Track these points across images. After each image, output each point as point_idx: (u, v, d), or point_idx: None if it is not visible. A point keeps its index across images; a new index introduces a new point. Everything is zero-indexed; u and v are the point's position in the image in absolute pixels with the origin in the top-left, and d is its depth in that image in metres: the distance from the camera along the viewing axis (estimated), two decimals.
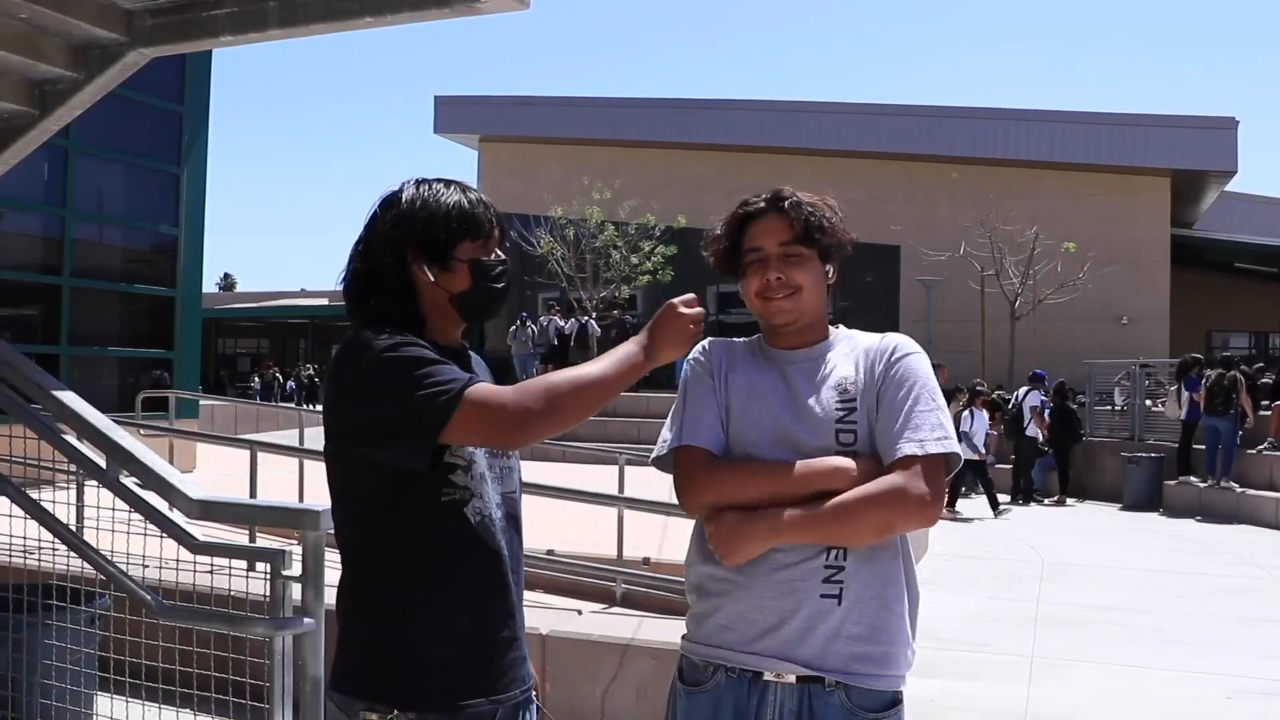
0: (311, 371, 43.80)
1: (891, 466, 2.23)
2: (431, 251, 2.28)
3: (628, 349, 2.26)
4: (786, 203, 2.37)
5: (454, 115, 39.18)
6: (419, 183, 2.34)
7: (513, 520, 2.35)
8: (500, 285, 2.34)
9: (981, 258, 26.95)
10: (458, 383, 2.10)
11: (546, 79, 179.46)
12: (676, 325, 2.26)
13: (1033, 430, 17.67)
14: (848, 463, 2.24)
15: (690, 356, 2.47)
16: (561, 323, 25.09)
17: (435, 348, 2.22)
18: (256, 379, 44.61)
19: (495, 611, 2.25)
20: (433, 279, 2.28)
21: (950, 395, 19.50)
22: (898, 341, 2.38)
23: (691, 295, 2.31)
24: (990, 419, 18.93)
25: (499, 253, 2.37)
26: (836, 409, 2.30)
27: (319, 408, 22.55)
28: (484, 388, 2.12)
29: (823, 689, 2.21)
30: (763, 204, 2.40)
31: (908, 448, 2.23)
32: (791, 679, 2.22)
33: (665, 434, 2.43)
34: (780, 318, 2.37)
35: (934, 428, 2.26)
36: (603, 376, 2.20)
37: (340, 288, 2.35)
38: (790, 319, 2.37)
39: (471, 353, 2.42)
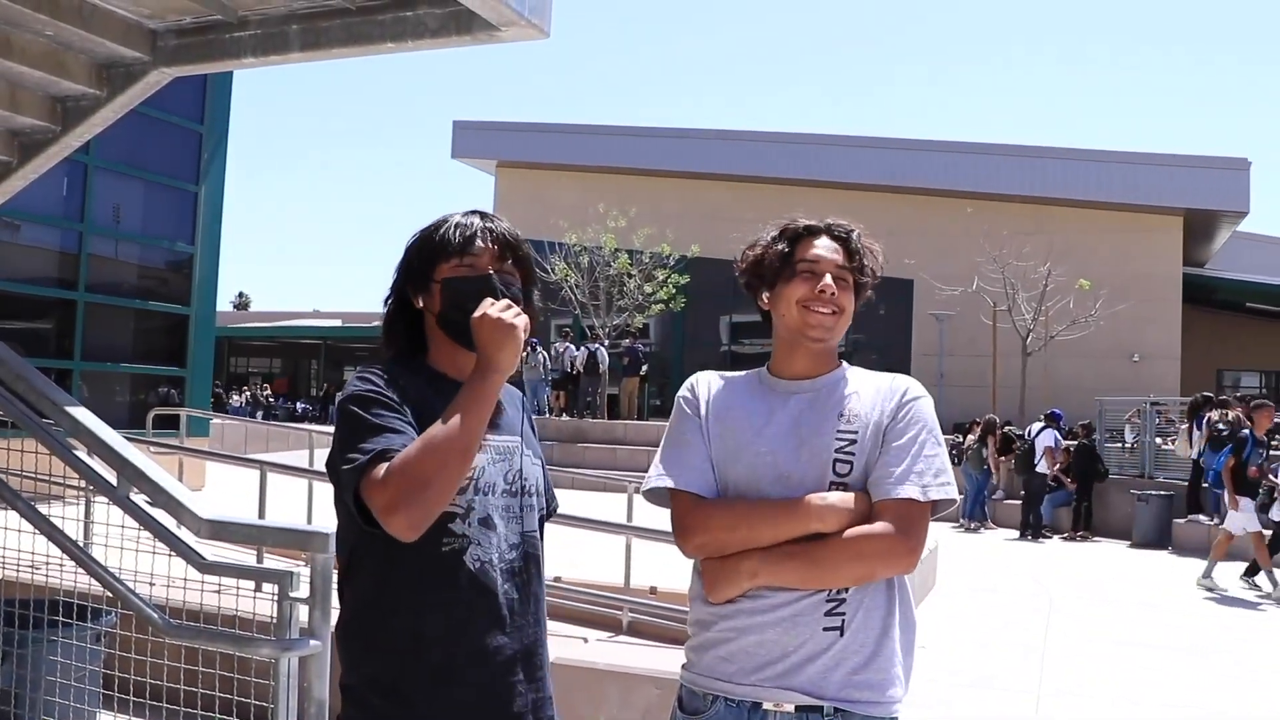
0: (270, 391, 43.84)
1: (882, 508, 2.24)
2: (414, 278, 2.33)
3: (471, 380, 2.16)
4: (849, 233, 2.44)
5: (471, 140, 39.35)
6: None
7: (530, 559, 2.34)
8: (476, 303, 2.21)
9: (994, 293, 26.96)
10: (366, 455, 2.07)
11: (564, 106, 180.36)
12: (490, 327, 2.16)
13: (1043, 467, 17.63)
14: (840, 500, 2.25)
15: (679, 393, 2.50)
16: (576, 350, 25.07)
17: (434, 380, 2.27)
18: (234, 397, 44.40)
19: (507, 656, 2.25)
20: (420, 304, 2.33)
21: (967, 430, 19.55)
22: (908, 385, 2.40)
23: (488, 299, 2.22)
24: (1002, 455, 18.91)
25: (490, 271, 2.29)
26: (837, 439, 2.31)
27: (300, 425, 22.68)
28: (383, 469, 2.04)
29: (820, 716, 2.23)
30: (821, 226, 2.45)
31: (908, 491, 2.25)
32: (790, 708, 2.24)
33: (653, 468, 2.44)
34: (817, 331, 2.37)
35: (937, 472, 2.29)
36: (461, 422, 2.09)
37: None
38: (823, 335, 2.38)
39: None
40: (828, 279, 2.36)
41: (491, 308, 2.18)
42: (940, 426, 2.40)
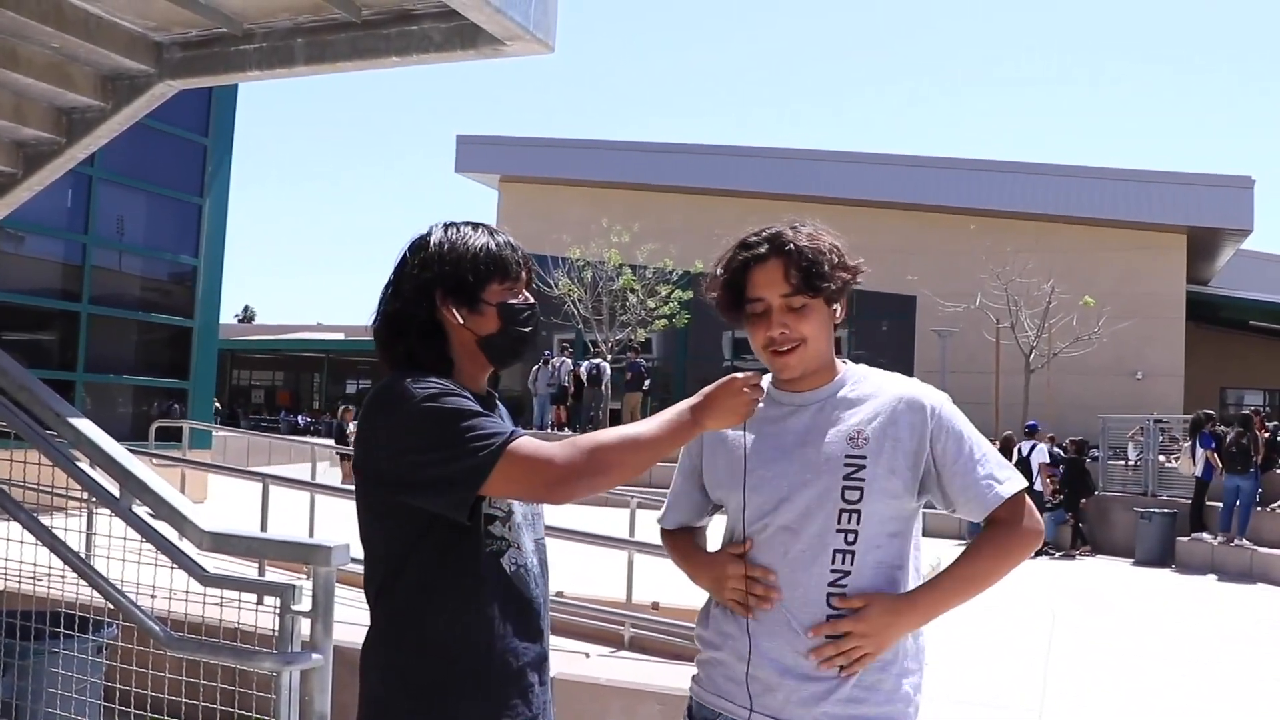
0: (218, 406, 43.92)
1: (999, 512, 2.31)
2: (460, 294, 2.27)
3: (678, 411, 2.21)
4: (787, 249, 2.30)
5: (475, 155, 39.38)
6: (447, 226, 2.33)
7: (543, 564, 2.38)
8: (528, 329, 2.33)
9: (997, 309, 26.95)
10: (499, 436, 2.09)
11: (568, 121, 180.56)
12: (733, 400, 2.21)
13: (1039, 485, 17.50)
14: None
15: None
16: (572, 365, 25.09)
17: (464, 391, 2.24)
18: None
19: (529, 660, 2.27)
20: (461, 321, 2.27)
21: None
22: (929, 401, 2.34)
23: (753, 373, 2.31)
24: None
25: (527, 295, 2.36)
26: (845, 465, 2.27)
27: (324, 441, 22.73)
28: (528, 442, 2.10)
29: None
30: (763, 249, 2.32)
31: (1001, 491, 2.31)
32: None
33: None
34: (788, 372, 2.35)
35: (1004, 466, 2.36)
36: (653, 437, 2.16)
37: (370, 328, 2.35)
38: (798, 371, 2.35)
39: (495, 394, 2.43)
40: (775, 324, 2.31)
41: (748, 386, 2.23)
42: None
